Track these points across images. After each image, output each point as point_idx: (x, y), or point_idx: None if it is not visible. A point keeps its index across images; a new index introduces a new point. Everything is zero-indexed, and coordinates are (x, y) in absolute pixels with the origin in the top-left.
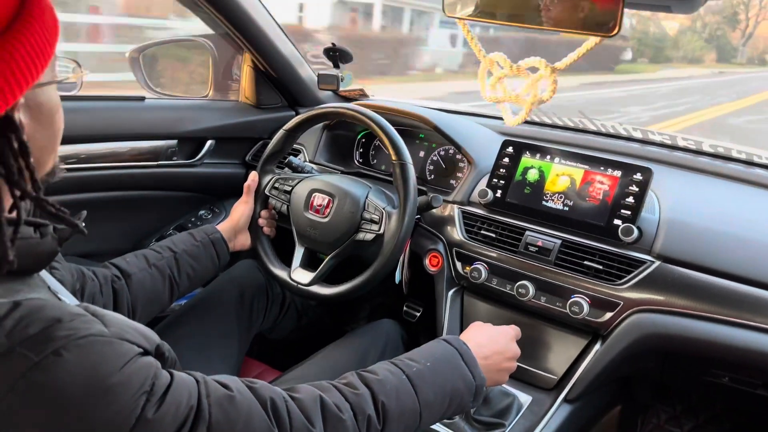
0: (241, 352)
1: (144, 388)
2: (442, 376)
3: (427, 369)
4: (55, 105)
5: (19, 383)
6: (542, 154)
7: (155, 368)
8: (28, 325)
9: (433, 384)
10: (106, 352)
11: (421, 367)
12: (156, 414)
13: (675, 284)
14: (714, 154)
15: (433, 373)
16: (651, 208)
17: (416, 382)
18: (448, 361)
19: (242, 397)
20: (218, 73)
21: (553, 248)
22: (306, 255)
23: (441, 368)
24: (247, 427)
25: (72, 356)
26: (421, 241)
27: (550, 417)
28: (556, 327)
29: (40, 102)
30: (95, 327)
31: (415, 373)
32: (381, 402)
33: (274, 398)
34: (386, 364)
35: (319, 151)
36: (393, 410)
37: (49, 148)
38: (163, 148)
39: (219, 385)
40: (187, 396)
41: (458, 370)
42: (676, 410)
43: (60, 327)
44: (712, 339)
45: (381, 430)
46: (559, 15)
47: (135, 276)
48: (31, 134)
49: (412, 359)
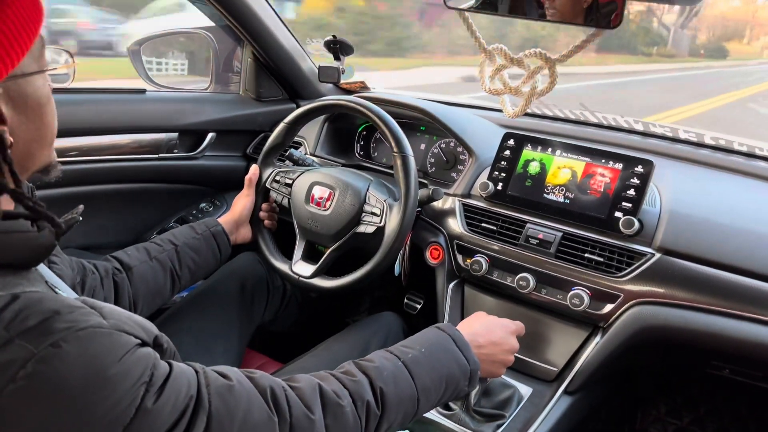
0: (242, 344)
1: (143, 379)
2: (437, 360)
3: (422, 355)
4: (43, 97)
5: (18, 375)
6: (543, 147)
7: (154, 359)
8: (27, 317)
9: (429, 369)
10: (105, 344)
11: (416, 353)
12: (155, 404)
13: (676, 276)
14: (715, 146)
15: (429, 358)
16: (652, 201)
17: (412, 368)
18: (442, 346)
19: (241, 386)
20: (219, 66)
21: (554, 241)
22: (307, 248)
23: (435, 353)
24: (247, 416)
25: (71, 348)
26: (422, 234)
27: (550, 409)
28: (557, 319)
29: (24, 93)
30: (94, 319)
31: (410, 359)
32: (379, 388)
33: (274, 387)
34: (382, 352)
35: (320, 144)
36: (391, 396)
37: (40, 142)
38: (164, 141)
39: (218, 375)
40: (187, 386)
41: (452, 354)
42: (676, 402)
43: (59, 319)
44: (713, 331)
45: (380, 416)
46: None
47: (136, 269)
48: (15, 126)
49: (407, 346)
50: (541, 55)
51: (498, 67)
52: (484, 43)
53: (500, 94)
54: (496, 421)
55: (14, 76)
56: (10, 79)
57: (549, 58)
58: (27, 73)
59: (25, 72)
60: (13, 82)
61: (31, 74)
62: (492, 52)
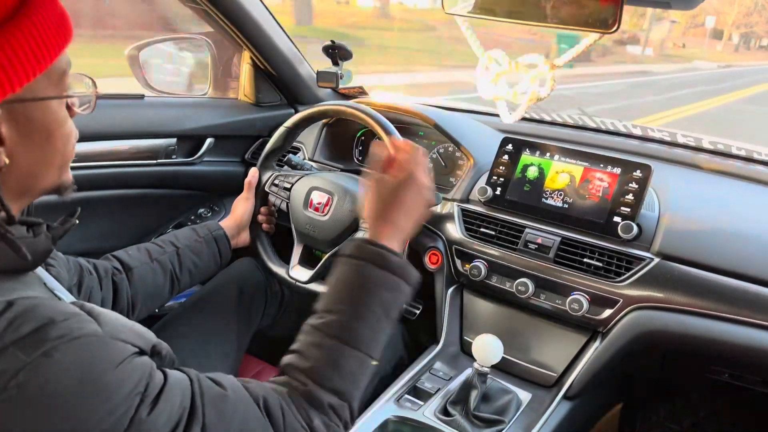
0: (240, 349)
1: (138, 389)
2: (364, 307)
3: (348, 315)
4: (53, 122)
5: (10, 384)
6: (542, 152)
7: (150, 368)
8: (21, 324)
9: (361, 325)
10: (99, 353)
11: (340, 317)
12: (150, 415)
13: (674, 281)
14: (713, 150)
15: (355, 313)
16: (650, 205)
17: (346, 337)
18: (362, 286)
19: (235, 395)
20: (217, 71)
21: (553, 245)
22: (304, 252)
23: (359, 299)
24: (242, 426)
25: (64, 357)
26: (420, 239)
27: (549, 414)
28: (556, 324)
29: (31, 116)
30: (89, 327)
31: (337, 328)
32: (330, 389)
33: (267, 397)
34: (309, 337)
35: (319, 149)
36: (341, 382)
37: (46, 165)
38: (163, 147)
39: (213, 383)
40: (181, 396)
41: (374, 285)
42: (675, 407)
43: (53, 327)
44: (712, 336)
45: (347, 403)
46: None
47: (136, 269)
48: (16, 148)
49: (329, 311)
50: (538, 60)
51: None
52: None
53: (499, 99)
54: (495, 427)
55: (22, 100)
56: (16, 101)
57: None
58: (39, 97)
59: (37, 96)
60: (21, 105)
61: (43, 99)
62: (490, 57)
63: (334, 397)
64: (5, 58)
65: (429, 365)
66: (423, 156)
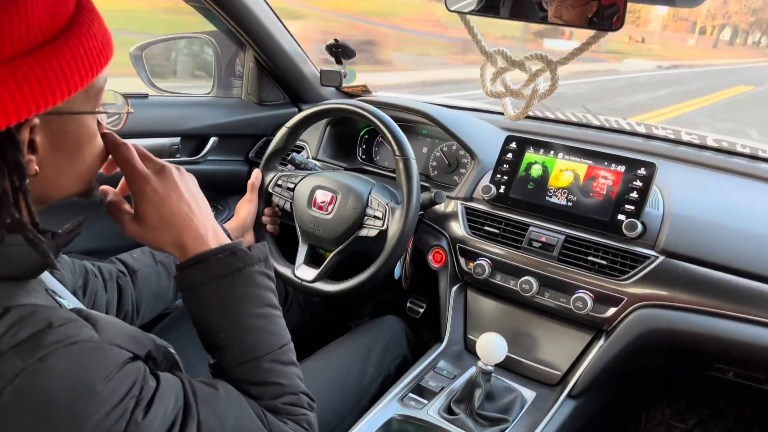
0: None
1: (133, 393)
2: (239, 320)
3: (234, 339)
4: (85, 136)
5: (7, 389)
6: (546, 150)
7: (143, 373)
8: (18, 330)
9: (252, 335)
10: (94, 358)
11: (230, 344)
12: (146, 418)
13: (679, 279)
14: (718, 148)
15: (238, 332)
16: (655, 203)
17: (251, 354)
18: (219, 306)
19: (227, 394)
20: (221, 70)
21: (557, 244)
22: (310, 252)
23: (230, 318)
24: (236, 423)
25: (59, 362)
26: (424, 237)
27: (554, 413)
28: (560, 323)
29: (66, 129)
30: (85, 332)
31: (239, 355)
32: (276, 394)
33: None
34: (225, 374)
35: (322, 148)
36: (280, 387)
37: (72, 176)
38: (167, 146)
39: (204, 384)
40: (175, 396)
41: (226, 296)
42: (680, 405)
43: (50, 332)
44: (717, 334)
45: (300, 391)
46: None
47: (141, 272)
48: (45, 158)
49: (217, 347)
50: (542, 57)
51: (499, 70)
52: (485, 45)
53: (501, 97)
54: (499, 425)
55: (59, 112)
56: (54, 113)
57: (550, 61)
58: (75, 111)
59: (73, 110)
60: (58, 117)
61: (79, 113)
62: (493, 55)
63: (287, 398)
64: (51, 72)
65: (433, 364)
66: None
